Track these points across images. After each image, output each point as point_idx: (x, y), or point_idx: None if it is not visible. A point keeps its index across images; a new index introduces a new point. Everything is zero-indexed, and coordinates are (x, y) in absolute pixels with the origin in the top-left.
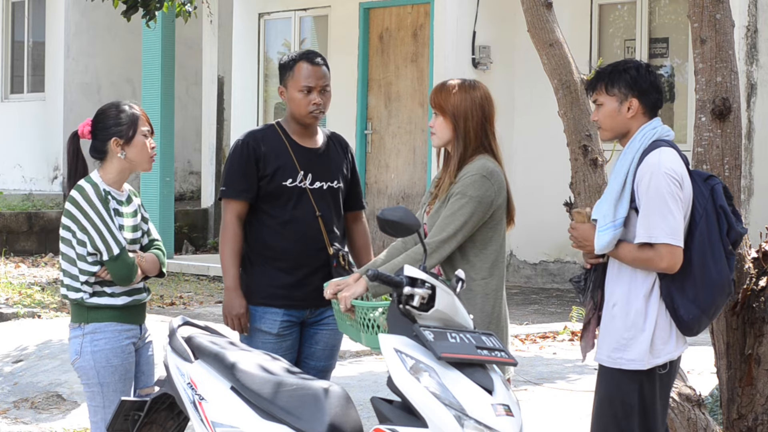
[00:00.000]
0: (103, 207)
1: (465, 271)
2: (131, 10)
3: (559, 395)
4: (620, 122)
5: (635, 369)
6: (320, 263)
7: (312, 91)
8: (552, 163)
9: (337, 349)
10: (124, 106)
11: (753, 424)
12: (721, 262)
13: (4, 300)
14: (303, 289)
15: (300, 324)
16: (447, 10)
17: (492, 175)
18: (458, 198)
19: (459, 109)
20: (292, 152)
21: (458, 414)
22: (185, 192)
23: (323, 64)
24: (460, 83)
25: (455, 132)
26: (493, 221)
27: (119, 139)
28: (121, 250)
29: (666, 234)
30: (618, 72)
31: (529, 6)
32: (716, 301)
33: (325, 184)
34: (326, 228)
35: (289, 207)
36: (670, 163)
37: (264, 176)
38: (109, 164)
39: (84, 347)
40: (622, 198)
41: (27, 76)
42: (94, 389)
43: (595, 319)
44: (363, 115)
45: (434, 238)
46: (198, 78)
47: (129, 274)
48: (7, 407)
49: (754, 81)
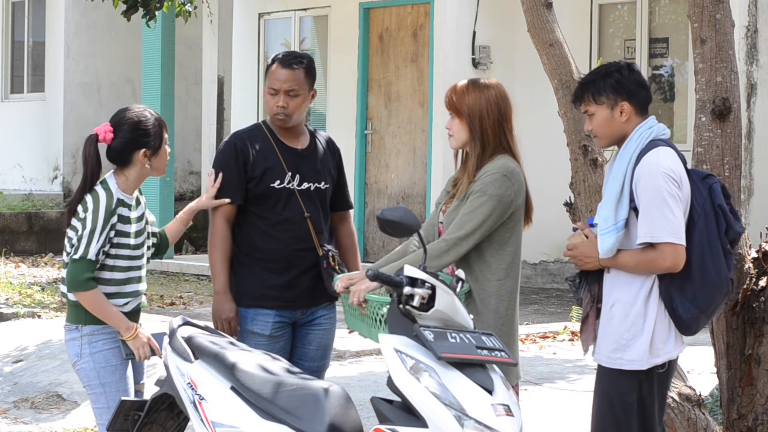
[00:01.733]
0: (106, 217)
1: (481, 271)
2: (131, 10)
3: (559, 395)
4: (616, 128)
5: (635, 369)
6: (310, 264)
7: (277, 94)
8: (552, 163)
9: (330, 348)
10: (149, 114)
11: (753, 424)
12: (719, 261)
13: (4, 300)
14: (294, 290)
15: (292, 325)
16: (447, 10)
17: (513, 174)
18: (478, 196)
19: (474, 109)
20: (279, 153)
21: (458, 414)
22: (185, 192)
23: (299, 67)
24: (474, 83)
25: (471, 133)
26: (512, 222)
27: (148, 151)
28: (85, 260)
29: (668, 233)
30: (601, 78)
31: (529, 6)
32: (715, 300)
33: (313, 185)
34: (315, 228)
35: (278, 208)
36: (668, 163)
37: (252, 178)
38: (129, 171)
39: (83, 349)
40: (621, 200)
41: (27, 76)
42: (97, 390)
43: (593, 312)
44: (363, 115)
45: (452, 235)
46: (198, 78)
47: (74, 283)
48: (7, 407)
49: (754, 81)
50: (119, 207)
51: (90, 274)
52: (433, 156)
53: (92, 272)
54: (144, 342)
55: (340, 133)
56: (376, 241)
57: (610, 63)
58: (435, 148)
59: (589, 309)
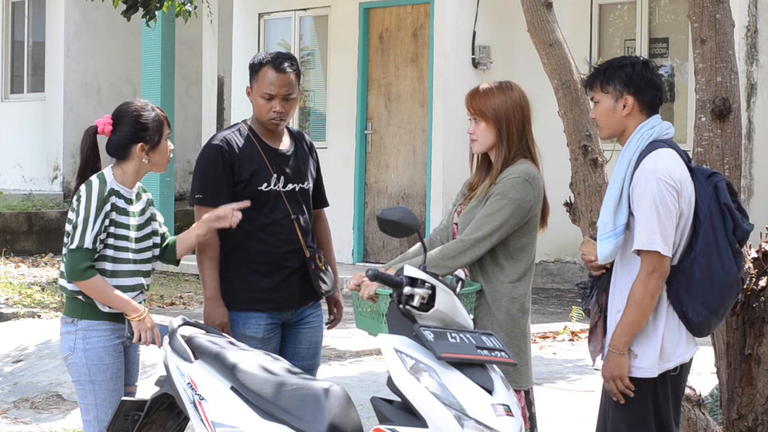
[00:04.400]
0: (98, 204)
1: (494, 273)
2: (131, 9)
3: (559, 395)
4: (616, 120)
5: (647, 377)
6: (298, 265)
7: (273, 99)
8: (552, 163)
9: (320, 346)
10: (149, 109)
11: (753, 424)
12: (728, 261)
13: (4, 300)
14: (283, 292)
15: (282, 326)
16: (447, 10)
17: (534, 180)
18: (498, 199)
19: (500, 112)
20: (264, 155)
21: (458, 414)
22: (185, 192)
23: (292, 70)
24: (498, 85)
25: (499, 136)
26: (528, 227)
27: (145, 145)
28: (83, 249)
29: (660, 244)
30: (614, 69)
31: (529, 6)
32: (725, 301)
33: (297, 185)
34: (301, 230)
35: (265, 211)
36: (665, 168)
37: (240, 181)
38: (127, 165)
39: (77, 344)
40: (620, 205)
41: (27, 76)
42: (86, 387)
43: (601, 322)
44: (363, 115)
45: (470, 236)
46: (198, 78)
47: (73, 272)
48: (7, 407)
49: (754, 81)
50: (113, 196)
51: (88, 263)
52: (433, 156)
53: (91, 261)
54: (149, 326)
55: (340, 133)
56: (376, 241)
57: (630, 56)
58: (435, 148)
59: (597, 320)
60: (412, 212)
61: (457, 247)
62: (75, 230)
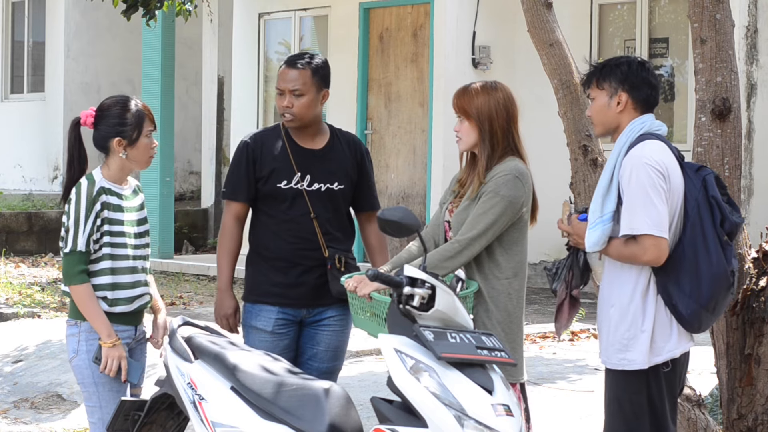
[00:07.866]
0: (87, 206)
1: (491, 270)
2: (131, 9)
3: (559, 395)
4: (610, 117)
5: (638, 369)
6: (315, 264)
7: (284, 94)
8: (552, 163)
9: (341, 350)
10: (131, 104)
11: (753, 424)
12: (716, 253)
13: (4, 300)
14: (298, 289)
15: (298, 324)
16: (447, 10)
17: (523, 176)
18: (491, 197)
19: (483, 112)
20: (290, 154)
21: (458, 414)
22: (185, 192)
23: (306, 67)
24: (482, 85)
25: (481, 135)
26: (520, 222)
27: (122, 140)
28: (76, 252)
29: (648, 225)
30: (610, 67)
31: (529, 6)
32: (714, 294)
33: (324, 185)
34: (322, 229)
35: (283, 208)
36: (652, 155)
37: (260, 178)
38: (111, 161)
39: (80, 346)
40: (609, 193)
41: (27, 76)
42: (90, 389)
43: (567, 300)
44: (363, 115)
45: (465, 236)
46: (198, 78)
47: (68, 276)
48: (7, 407)
49: (754, 81)
50: (103, 194)
51: (82, 266)
52: (433, 156)
53: (85, 264)
54: (118, 356)
55: None
56: None
57: (628, 55)
58: (435, 148)
59: (564, 297)
60: (412, 212)
61: (454, 248)
62: (68, 234)
